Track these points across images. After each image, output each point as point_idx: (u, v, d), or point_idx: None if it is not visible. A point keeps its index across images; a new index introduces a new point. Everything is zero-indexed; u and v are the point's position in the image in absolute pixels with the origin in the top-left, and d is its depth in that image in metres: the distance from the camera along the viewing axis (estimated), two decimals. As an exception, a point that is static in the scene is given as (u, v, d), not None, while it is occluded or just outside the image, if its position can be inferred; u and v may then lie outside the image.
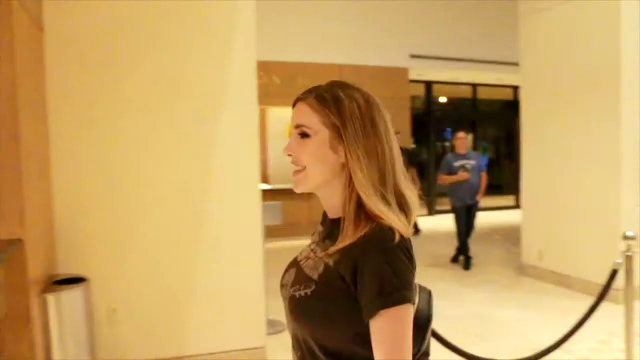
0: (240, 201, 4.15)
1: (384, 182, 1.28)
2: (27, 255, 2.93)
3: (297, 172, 1.36)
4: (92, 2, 3.74)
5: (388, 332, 1.18)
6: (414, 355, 1.32)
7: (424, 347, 1.42)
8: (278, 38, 9.26)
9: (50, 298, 3.32)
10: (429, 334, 1.44)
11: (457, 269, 7.54)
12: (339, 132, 1.29)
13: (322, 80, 1.43)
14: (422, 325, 1.39)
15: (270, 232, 5.36)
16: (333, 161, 1.30)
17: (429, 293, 1.48)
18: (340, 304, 1.24)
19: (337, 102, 1.30)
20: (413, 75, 11.46)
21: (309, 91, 1.36)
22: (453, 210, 7.65)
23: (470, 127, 14.03)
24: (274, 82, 9.61)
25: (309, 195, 8.68)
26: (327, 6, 10.19)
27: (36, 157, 3.33)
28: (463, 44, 11.41)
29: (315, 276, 1.29)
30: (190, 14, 4.00)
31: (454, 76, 12.54)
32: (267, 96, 8.10)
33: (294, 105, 1.38)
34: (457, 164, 7.43)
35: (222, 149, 4.08)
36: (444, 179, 7.55)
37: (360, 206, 1.27)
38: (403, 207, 1.30)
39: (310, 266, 1.33)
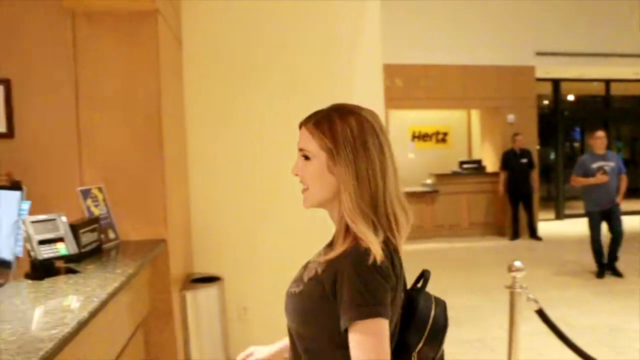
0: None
1: (374, 204, 1.37)
2: (170, 254, 3.14)
3: (303, 190, 1.47)
4: (225, 17, 3.94)
5: (360, 342, 1.28)
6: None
7: (439, 354, 1.52)
8: (400, 40, 9.21)
9: (189, 295, 3.53)
10: (441, 341, 1.51)
11: (587, 277, 7.09)
12: (333, 156, 1.38)
13: (445, 83, 1.45)
14: (436, 333, 1.47)
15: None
16: (331, 182, 1.40)
17: (444, 304, 1.54)
18: (318, 308, 1.36)
19: (331, 127, 1.39)
20: (540, 74, 10.94)
21: (310, 116, 1.47)
22: (587, 214, 7.14)
23: (603, 126, 13.21)
24: (396, 85, 9.59)
25: (432, 198, 8.59)
26: (449, 7, 10.00)
27: (176, 162, 3.56)
28: (593, 38, 10.74)
29: (305, 279, 1.41)
30: (318, 19, 4.10)
31: (583, 73, 11.85)
32: (389, 99, 8.09)
33: (300, 128, 1.47)
34: (594, 165, 6.93)
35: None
36: (579, 182, 7.06)
37: (348, 225, 1.37)
38: (392, 227, 1.39)
39: (309, 268, 1.44)
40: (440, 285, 6.78)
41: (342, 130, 1.38)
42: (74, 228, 2.47)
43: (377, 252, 1.30)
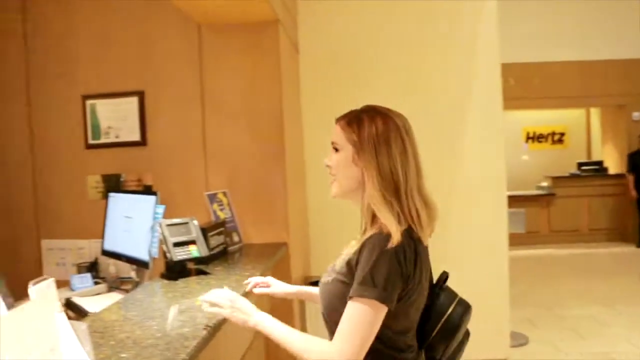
0: (487, 205, 4.08)
1: (397, 195, 1.50)
2: (291, 257, 3.21)
3: (331, 181, 1.65)
4: (342, 20, 3.97)
5: (349, 317, 1.43)
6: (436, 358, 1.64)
7: (447, 354, 1.64)
8: (513, 39, 8.88)
9: (308, 297, 3.59)
10: (453, 342, 1.64)
11: None
12: (357, 148, 1.54)
13: (562, 80, 1.40)
14: (449, 331, 1.63)
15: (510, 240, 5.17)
16: (355, 172, 1.56)
17: (467, 307, 1.68)
18: (345, 295, 1.47)
19: (359, 124, 1.56)
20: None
21: (344, 115, 1.65)
22: None
23: None
24: (509, 83, 9.26)
25: (547, 202, 8.19)
26: (561, 3, 9.51)
27: (295, 167, 3.64)
28: None
29: (337, 268, 1.57)
30: (437, 19, 4.04)
31: None
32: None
33: (335, 124, 1.66)
34: None
35: (468, 151, 4.06)
36: None
37: (374, 215, 1.52)
38: (414, 220, 1.51)
39: (340, 259, 1.59)
40: (557, 293, 6.52)
41: (368, 127, 1.54)
42: (204, 231, 2.58)
43: (395, 237, 1.42)
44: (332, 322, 1.53)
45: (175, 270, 2.39)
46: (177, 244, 2.39)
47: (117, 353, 1.48)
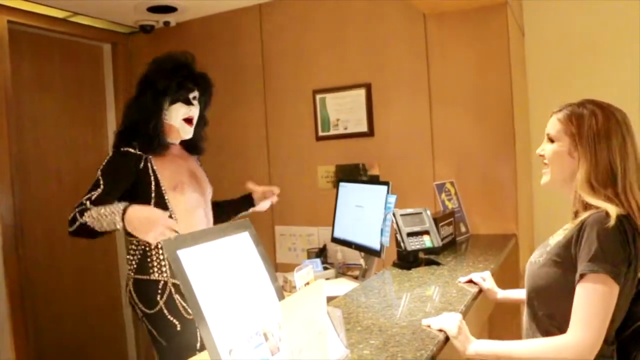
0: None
1: (610, 184, 1.52)
2: (520, 249, 3.07)
3: (544, 170, 1.70)
4: (568, 6, 3.64)
5: (585, 294, 1.42)
6: None
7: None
8: None
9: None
10: None
11: None
12: (575, 141, 1.58)
13: None
14: None
15: None
16: (569, 163, 1.60)
17: None
18: (559, 274, 1.53)
19: (578, 117, 1.59)
20: None
21: (562, 107, 1.68)
22: None
23: None
24: None
25: None
26: None
27: (523, 156, 3.47)
28: None
29: (549, 248, 1.62)
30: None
31: None
32: None
33: (550, 117, 1.70)
34: None
35: None
36: None
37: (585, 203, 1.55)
38: (633, 208, 1.49)
39: (553, 239, 1.64)
40: None
41: (588, 121, 1.56)
42: (436, 221, 2.57)
43: (613, 216, 1.44)
44: (539, 302, 1.60)
45: (408, 260, 2.42)
46: (410, 234, 2.41)
47: (366, 339, 1.53)
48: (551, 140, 1.67)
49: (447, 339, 1.54)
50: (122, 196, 2.31)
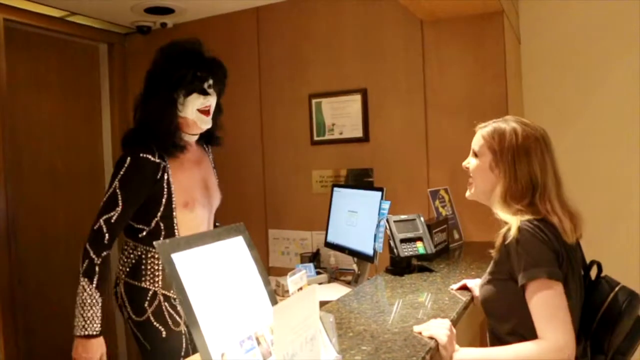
0: None
1: (524, 197, 1.61)
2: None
3: (469, 183, 1.81)
4: (567, 12, 3.65)
5: (537, 308, 1.49)
6: (604, 350, 1.63)
7: (614, 344, 1.62)
8: None
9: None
10: (617, 331, 1.62)
11: None
12: (497, 157, 1.67)
13: None
14: (608, 320, 1.62)
15: None
16: (491, 178, 1.69)
17: (631, 294, 1.65)
18: (505, 287, 1.62)
19: (500, 134, 1.68)
20: None
21: (487, 123, 1.76)
22: None
23: None
24: None
25: None
26: None
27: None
28: None
29: (489, 270, 1.72)
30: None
31: None
32: None
33: (476, 132, 1.79)
34: None
35: None
36: None
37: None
38: (556, 214, 1.59)
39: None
40: None
41: (509, 137, 1.65)
42: (429, 228, 2.58)
43: (514, 227, 1.54)
44: (497, 322, 1.69)
45: (401, 266, 2.42)
46: (403, 240, 2.42)
47: (358, 345, 1.53)
48: (475, 155, 1.76)
49: (438, 346, 1.55)
50: None
